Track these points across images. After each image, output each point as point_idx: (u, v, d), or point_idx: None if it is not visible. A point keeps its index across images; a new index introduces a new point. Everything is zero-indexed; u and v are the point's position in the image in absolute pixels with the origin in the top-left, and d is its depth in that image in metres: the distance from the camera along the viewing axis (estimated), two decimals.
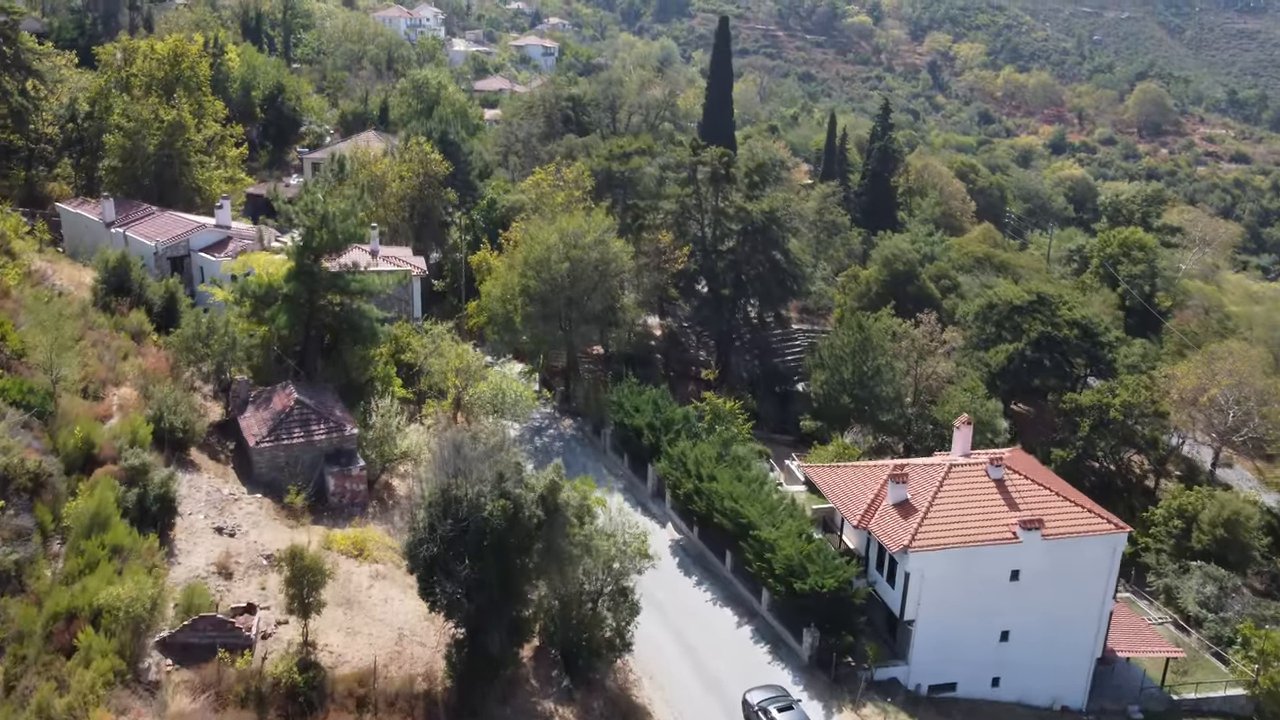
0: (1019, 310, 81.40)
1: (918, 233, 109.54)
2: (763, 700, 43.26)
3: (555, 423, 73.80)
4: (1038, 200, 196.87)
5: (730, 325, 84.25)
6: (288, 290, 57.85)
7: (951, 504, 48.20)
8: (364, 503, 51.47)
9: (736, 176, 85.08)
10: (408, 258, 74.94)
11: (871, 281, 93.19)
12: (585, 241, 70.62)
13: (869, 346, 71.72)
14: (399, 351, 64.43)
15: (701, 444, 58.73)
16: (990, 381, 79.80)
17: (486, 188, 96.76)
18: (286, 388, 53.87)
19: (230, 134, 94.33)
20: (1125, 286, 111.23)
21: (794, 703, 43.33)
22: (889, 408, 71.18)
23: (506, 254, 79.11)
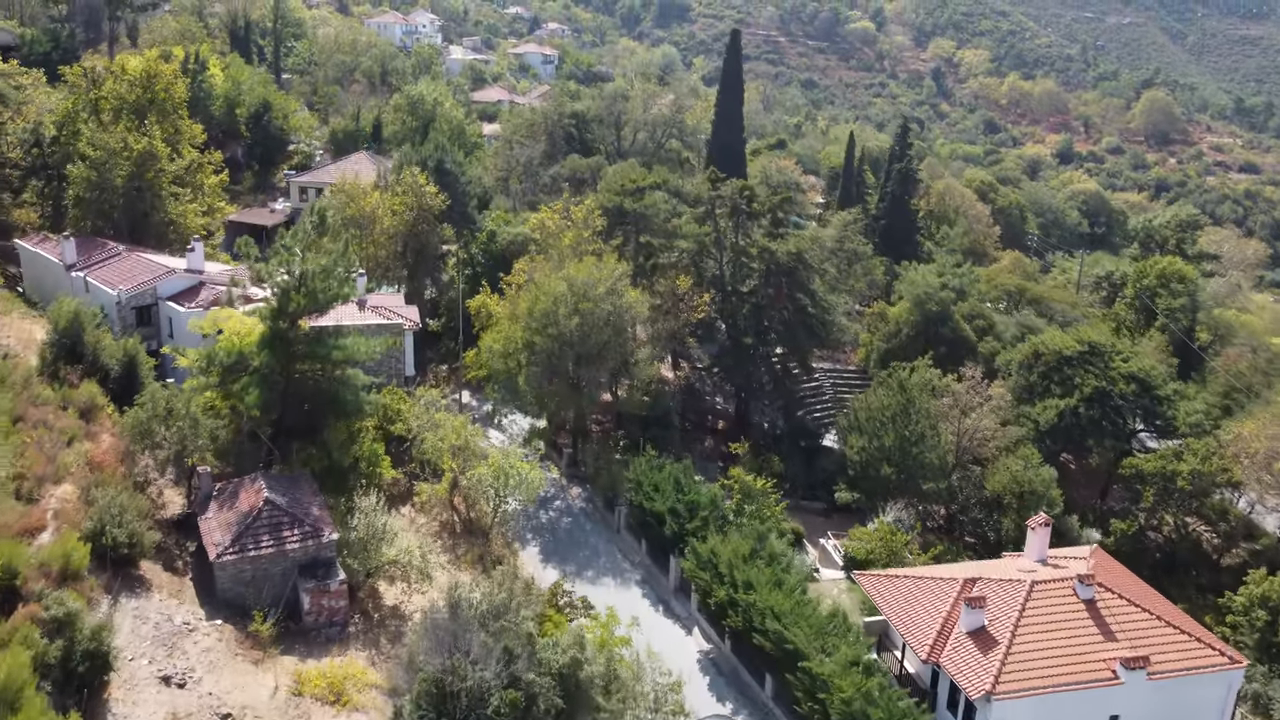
0: (1068, 361, 73.74)
1: (945, 264, 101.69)
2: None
3: (562, 492, 65.89)
4: (1051, 215, 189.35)
5: (752, 376, 76.41)
6: (259, 362, 50.02)
7: (1037, 634, 40.46)
8: (345, 620, 43.58)
9: (759, 212, 77.21)
10: (399, 308, 66.99)
11: (902, 323, 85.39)
12: (596, 293, 62.75)
13: (911, 409, 63.97)
14: (388, 421, 56.55)
15: (733, 537, 50.92)
16: (1038, 439, 72.03)
17: (485, 219, 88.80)
18: (255, 481, 45.94)
19: (209, 160, 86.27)
20: (1164, 320, 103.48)
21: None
22: (933, 476, 63.47)
23: (508, 299, 71.24)
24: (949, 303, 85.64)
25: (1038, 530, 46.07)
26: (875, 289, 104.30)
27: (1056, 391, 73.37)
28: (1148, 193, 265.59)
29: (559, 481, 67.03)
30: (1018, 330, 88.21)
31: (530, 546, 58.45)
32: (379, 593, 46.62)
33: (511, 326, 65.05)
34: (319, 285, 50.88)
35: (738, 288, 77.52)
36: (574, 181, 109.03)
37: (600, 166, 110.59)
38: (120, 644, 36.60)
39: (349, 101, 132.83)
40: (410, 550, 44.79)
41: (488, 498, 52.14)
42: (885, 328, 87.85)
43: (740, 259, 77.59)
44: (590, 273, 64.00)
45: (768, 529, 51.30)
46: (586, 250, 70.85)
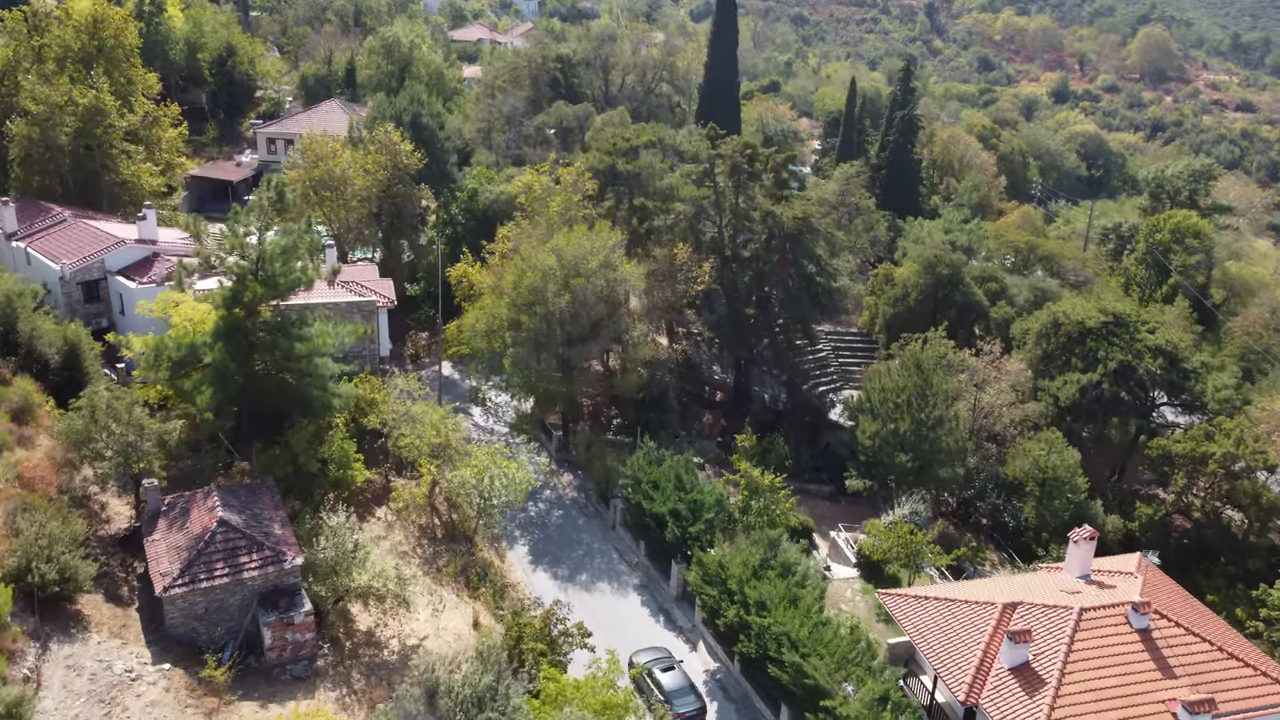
0: (1091, 333, 68.74)
1: (952, 219, 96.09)
2: (648, 661, 43.56)
3: (553, 479, 60.91)
4: (1049, 158, 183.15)
5: (753, 347, 71.11)
6: (213, 356, 44.41)
7: (1088, 671, 35.98)
8: (312, 655, 38.69)
9: (760, 172, 71.17)
10: (373, 282, 61.12)
11: (910, 286, 79.99)
12: (589, 267, 57.07)
13: (928, 391, 58.99)
14: (361, 414, 51.17)
15: (742, 545, 46.13)
16: (1058, 416, 67.37)
17: (466, 176, 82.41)
18: (209, 497, 40.64)
19: (165, 113, 79.36)
20: (1178, 279, 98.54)
21: (676, 663, 43.69)
22: (950, 461, 58.77)
23: (491, 269, 65.50)
24: (960, 265, 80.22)
25: (1081, 544, 41.44)
26: (878, 246, 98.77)
27: (1078, 365, 68.37)
28: (1144, 133, 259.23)
29: (549, 467, 62.02)
30: (1030, 293, 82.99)
31: (519, 545, 53.64)
32: (351, 616, 41.71)
33: (495, 303, 59.44)
34: (278, 270, 45.14)
35: (738, 253, 71.80)
36: (560, 131, 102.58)
37: (588, 114, 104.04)
38: (49, 706, 31.67)
39: (320, 44, 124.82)
40: (385, 574, 39.74)
41: (471, 502, 47.03)
42: (891, 291, 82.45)
43: (741, 222, 71.78)
44: (581, 244, 58.25)
45: (779, 534, 46.44)
46: (576, 216, 64.94)
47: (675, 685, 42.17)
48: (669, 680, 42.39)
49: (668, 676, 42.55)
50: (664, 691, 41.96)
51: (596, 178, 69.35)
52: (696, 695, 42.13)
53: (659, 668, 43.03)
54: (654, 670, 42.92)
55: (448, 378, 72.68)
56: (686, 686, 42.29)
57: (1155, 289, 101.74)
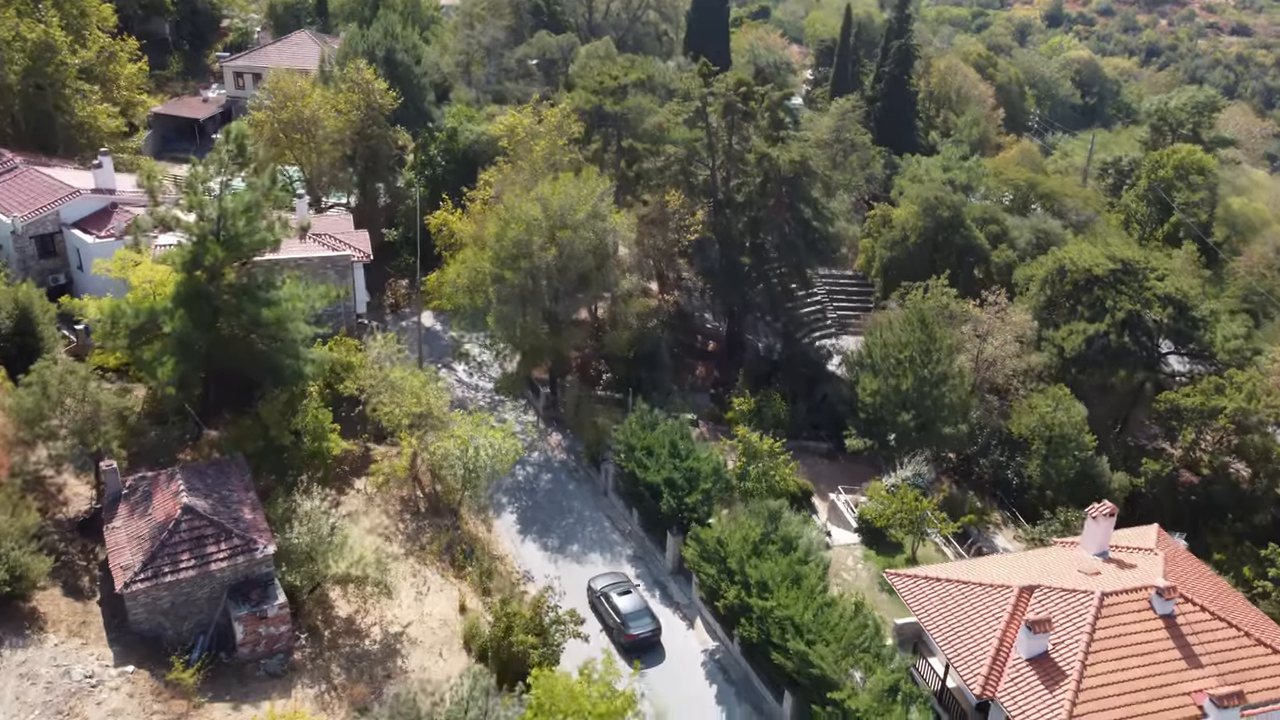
0: (1098, 281, 65.97)
1: (950, 156, 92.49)
2: (604, 586, 44.15)
3: (541, 438, 58.24)
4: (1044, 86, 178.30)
5: (747, 296, 68.05)
6: (174, 326, 41.12)
7: (1111, 661, 33.96)
8: (288, 648, 36.28)
9: (756, 111, 67.29)
10: (347, 234, 57.51)
11: (908, 229, 76.74)
12: (576, 218, 53.62)
13: (932, 347, 56.27)
14: (336, 379, 48.10)
15: (741, 519, 43.76)
16: (1062, 367, 64.96)
17: (445, 114, 78.03)
18: (173, 480, 37.77)
19: (123, 48, 74.52)
20: (1180, 216, 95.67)
21: (633, 587, 44.39)
22: (953, 418, 56.36)
23: (472, 217, 61.92)
24: (961, 207, 76.97)
25: (1099, 520, 39.21)
26: (874, 184, 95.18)
27: (1084, 314, 65.79)
28: (1138, 58, 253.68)
29: (537, 425, 59.37)
30: (1032, 235, 79.95)
31: (506, 514, 51.19)
32: (329, 602, 39.23)
33: (477, 255, 56.03)
34: (242, 229, 41.64)
35: (731, 197, 68.32)
36: (543, 63, 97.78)
37: (572, 45, 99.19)
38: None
39: None
40: (365, 561, 37.17)
41: (455, 474, 44.34)
42: (889, 233, 79.27)
43: (735, 165, 68.14)
44: (568, 192, 54.69)
45: (779, 506, 44.04)
46: (562, 160, 61.20)
47: (631, 608, 42.76)
48: (625, 603, 42.92)
49: (624, 600, 43.11)
50: (620, 614, 42.48)
51: (582, 119, 65.34)
52: (652, 618, 42.79)
53: (615, 591, 43.61)
54: (610, 594, 43.54)
55: (430, 329, 69.55)
56: (643, 609, 42.95)
57: (1157, 226, 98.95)
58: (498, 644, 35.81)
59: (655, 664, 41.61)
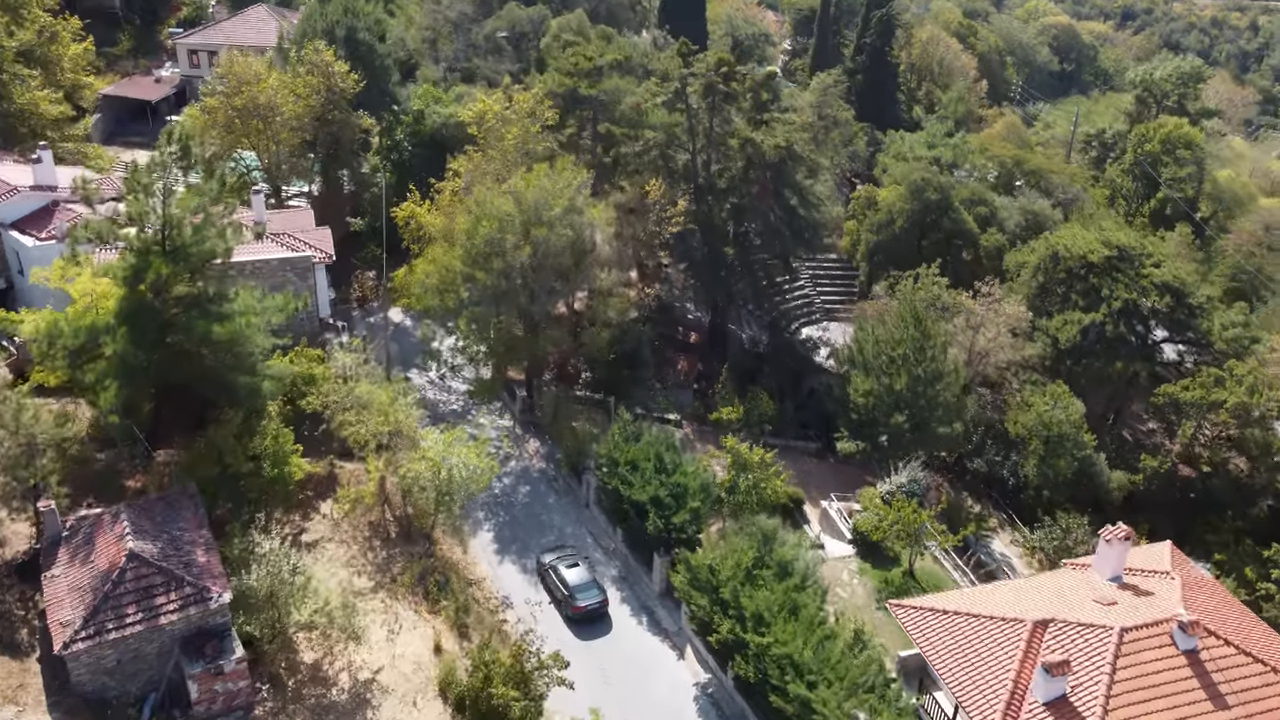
0: (1093, 268, 63.46)
1: (935, 132, 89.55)
2: (553, 559, 44.41)
3: (517, 444, 55.20)
4: (1022, 52, 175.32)
5: (731, 289, 65.05)
6: (115, 346, 37.62)
7: (1133, 705, 31.66)
8: (247, 703, 33.31)
9: (738, 93, 63.85)
10: (308, 232, 53.85)
11: (895, 212, 73.78)
12: (552, 214, 50.24)
13: (926, 344, 53.59)
14: (298, 395, 44.76)
15: (733, 539, 41.08)
16: (1056, 359, 62.62)
17: (411, 95, 73.94)
18: (118, 520, 34.50)
19: (65, 28, 69.88)
20: (1167, 192, 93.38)
21: (582, 560, 44.84)
22: (948, 417, 53.84)
23: (441, 209, 58.33)
24: (949, 189, 74.08)
25: (1114, 544, 36.82)
26: (857, 161, 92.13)
27: (1078, 302, 63.33)
28: (1113, 21, 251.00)
29: (513, 431, 56.33)
30: (1021, 217, 77.42)
31: (483, 531, 48.20)
32: (293, 645, 36.21)
33: (447, 253, 52.55)
34: (188, 239, 38.09)
35: (713, 183, 65.06)
36: (514, 37, 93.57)
37: (543, 18, 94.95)
38: None
39: None
40: (329, 607, 34.15)
41: (428, 497, 41.26)
42: (875, 216, 76.24)
43: (717, 150, 64.81)
44: (543, 185, 51.23)
45: (773, 527, 41.37)
46: (535, 149, 57.65)
47: (579, 580, 43.06)
48: (573, 575, 43.24)
49: (572, 572, 43.40)
50: (568, 586, 42.72)
51: (557, 103, 61.64)
52: (599, 589, 43.18)
53: (564, 564, 43.83)
54: (559, 566, 43.72)
55: (399, 324, 66.07)
56: (590, 581, 43.28)
57: (1143, 202, 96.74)
58: (476, 695, 33.03)
59: (602, 635, 42.13)
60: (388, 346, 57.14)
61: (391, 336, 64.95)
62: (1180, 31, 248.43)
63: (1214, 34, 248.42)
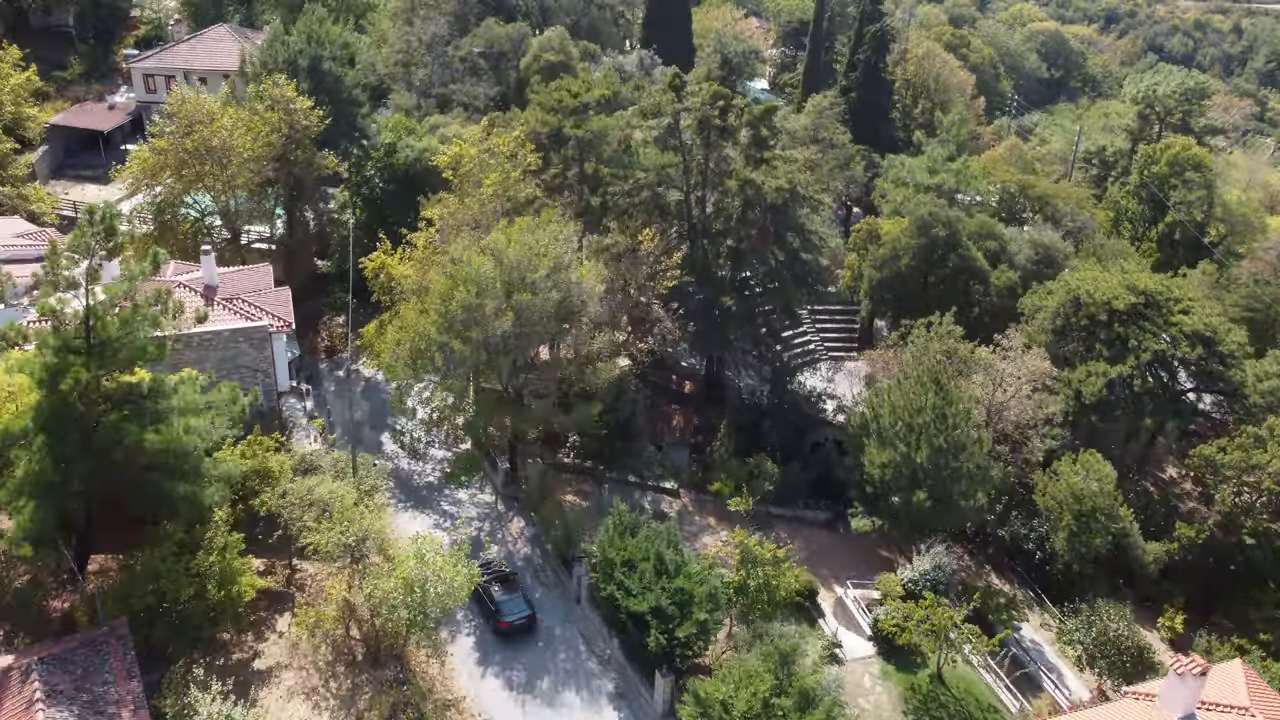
0: (1117, 314, 58.65)
1: (936, 156, 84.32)
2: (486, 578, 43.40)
3: (500, 525, 49.77)
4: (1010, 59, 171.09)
5: (730, 342, 59.74)
6: (31, 461, 31.97)
7: None
8: None
9: (735, 128, 58.54)
10: (266, 294, 48.09)
11: (900, 248, 68.69)
12: (537, 275, 44.79)
13: (948, 410, 48.55)
14: (251, 494, 39.19)
15: (747, 665, 35.90)
16: (1079, 413, 57.77)
17: (382, 126, 68.12)
18: (28, 679, 28.95)
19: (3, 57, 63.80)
20: (1176, 216, 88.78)
21: (511, 576, 45.03)
22: (971, 491, 48.83)
23: (414, 260, 52.76)
24: (957, 223, 69.05)
25: (1187, 680, 31.83)
26: (854, 186, 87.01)
27: (1103, 352, 58.44)
28: (1097, 25, 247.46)
29: (494, 508, 50.91)
30: (1032, 251, 72.38)
31: (462, 637, 42.70)
32: None
33: (420, 318, 46.96)
34: (115, 335, 32.47)
35: (709, 225, 59.76)
36: (492, 56, 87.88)
37: (523, 36, 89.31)
38: None
39: None
40: None
41: (399, 619, 35.79)
42: (878, 251, 70.91)
43: (712, 189, 59.48)
44: (526, 241, 45.76)
45: (791, 648, 36.17)
46: (517, 196, 52.16)
47: (506, 596, 43.42)
48: (500, 591, 43.56)
49: (499, 588, 43.70)
50: (494, 602, 43.06)
51: (539, 146, 56.07)
52: (528, 604, 43.68)
53: (495, 580, 44.05)
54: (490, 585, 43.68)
55: (370, 379, 60.47)
56: (518, 597, 43.64)
57: (1150, 225, 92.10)
58: None
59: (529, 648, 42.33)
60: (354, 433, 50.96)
61: (363, 392, 59.60)
62: (1164, 34, 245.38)
63: (1198, 37, 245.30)
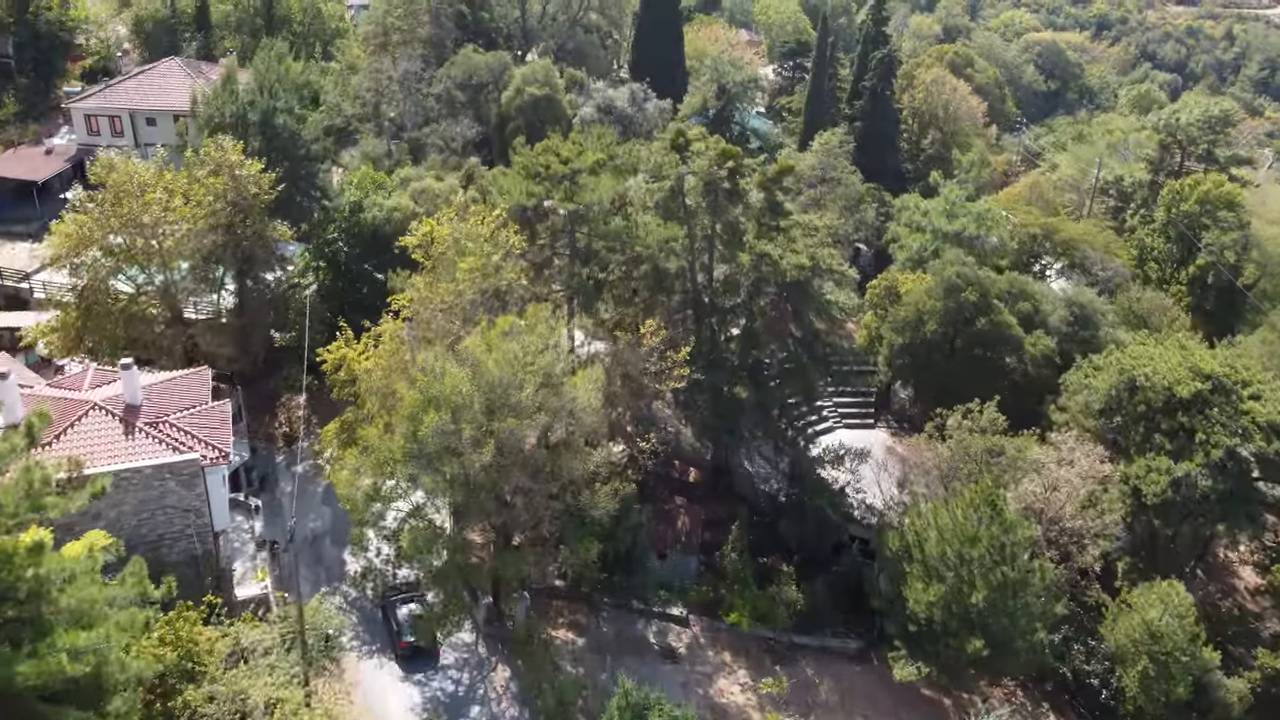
0: (1180, 402, 51.33)
1: (953, 198, 76.72)
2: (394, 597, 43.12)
3: (480, 677, 41.81)
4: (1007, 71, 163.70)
5: (743, 436, 51.97)
6: None
7: None
8: None
9: (747, 191, 50.69)
10: (199, 411, 39.82)
11: (925, 312, 61.13)
12: (523, 394, 36.86)
13: (1007, 538, 41.02)
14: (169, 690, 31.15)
15: None
16: (1137, 511, 50.40)
17: (346, 182, 59.87)
18: None
19: None
20: (1208, 259, 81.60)
21: (418, 598, 43.02)
22: (1030, 630, 41.32)
23: (379, 357, 44.69)
24: (988, 286, 61.57)
25: None
26: (865, 230, 79.37)
27: (1164, 445, 51.00)
28: (1089, 32, 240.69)
29: (475, 650, 43.00)
30: (1066, 311, 64.95)
31: None
32: None
33: (384, 440, 38.92)
34: None
35: (716, 302, 51.99)
36: (470, 89, 79.82)
37: (504, 67, 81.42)
38: None
39: None
40: None
41: None
42: (900, 313, 63.26)
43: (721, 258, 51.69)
44: (510, 351, 37.81)
45: None
46: (498, 285, 44.16)
47: (406, 616, 42.20)
48: (404, 612, 42.39)
49: (403, 609, 42.50)
50: (398, 622, 42.15)
51: (524, 223, 47.97)
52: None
53: (400, 601, 42.92)
54: (396, 604, 42.88)
55: None
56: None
57: (1179, 267, 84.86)
58: None
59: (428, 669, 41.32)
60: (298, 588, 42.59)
61: (324, 495, 51.55)
62: (1156, 41, 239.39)
63: (1190, 44, 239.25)
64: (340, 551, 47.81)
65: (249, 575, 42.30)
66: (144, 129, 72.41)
